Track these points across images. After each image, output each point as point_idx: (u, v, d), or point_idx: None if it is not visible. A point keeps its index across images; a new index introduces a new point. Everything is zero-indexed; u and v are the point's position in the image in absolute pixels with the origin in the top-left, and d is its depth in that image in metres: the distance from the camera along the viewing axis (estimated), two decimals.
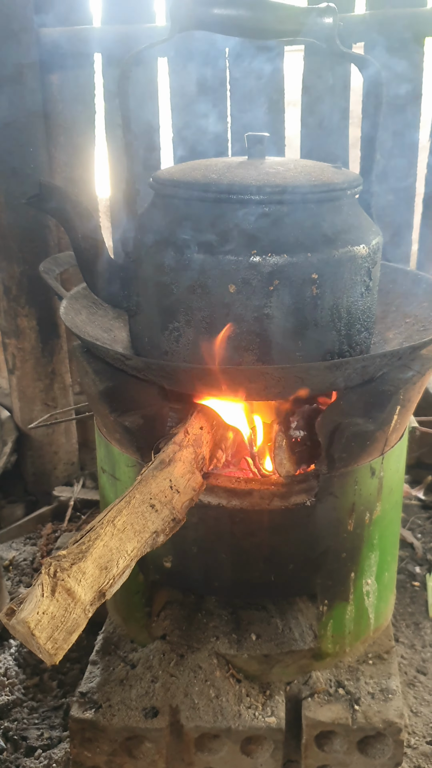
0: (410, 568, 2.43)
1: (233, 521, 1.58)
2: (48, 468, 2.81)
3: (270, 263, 1.44)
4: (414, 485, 2.80)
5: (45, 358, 2.67)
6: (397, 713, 1.61)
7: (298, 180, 1.48)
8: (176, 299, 1.51)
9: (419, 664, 2.07)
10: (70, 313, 1.72)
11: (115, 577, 1.20)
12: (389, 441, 1.63)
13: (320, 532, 1.60)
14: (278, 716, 1.61)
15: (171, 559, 1.65)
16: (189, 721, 1.60)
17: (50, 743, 1.82)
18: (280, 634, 1.72)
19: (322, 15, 1.54)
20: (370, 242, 1.55)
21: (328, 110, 2.55)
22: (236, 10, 1.50)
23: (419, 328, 1.72)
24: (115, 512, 1.27)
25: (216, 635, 1.72)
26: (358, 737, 1.61)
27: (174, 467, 1.42)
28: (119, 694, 1.65)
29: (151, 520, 1.31)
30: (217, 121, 2.55)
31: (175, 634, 1.74)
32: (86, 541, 1.19)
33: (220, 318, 1.48)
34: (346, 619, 1.71)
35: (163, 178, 1.57)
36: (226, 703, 1.62)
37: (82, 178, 2.61)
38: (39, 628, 1.07)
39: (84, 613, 1.13)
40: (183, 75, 2.51)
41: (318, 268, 1.46)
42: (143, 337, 1.63)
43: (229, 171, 1.51)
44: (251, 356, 1.50)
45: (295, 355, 1.51)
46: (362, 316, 1.58)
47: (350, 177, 1.57)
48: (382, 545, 1.73)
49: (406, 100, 2.50)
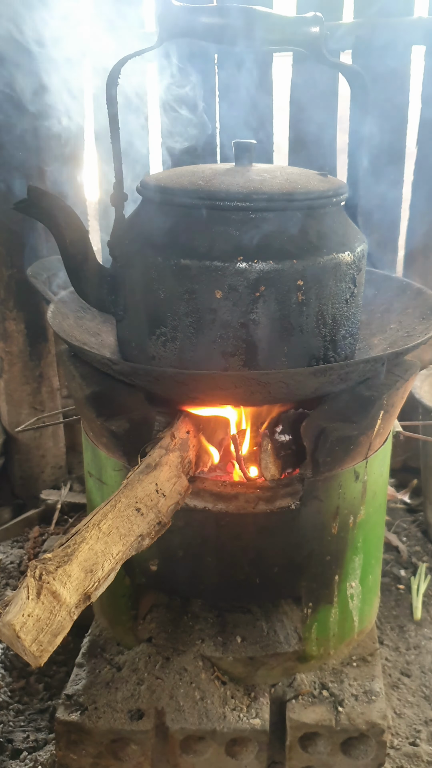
0: (395, 571, 2.45)
1: (219, 525, 1.59)
2: (35, 471, 2.82)
3: (256, 270, 1.46)
4: (399, 489, 2.82)
5: (33, 361, 2.67)
6: (381, 715, 1.63)
7: (285, 187, 1.50)
8: (163, 305, 1.52)
9: (403, 666, 2.09)
10: (57, 317, 1.73)
11: (100, 580, 1.21)
12: (373, 445, 1.64)
13: (305, 536, 1.62)
14: (263, 718, 1.63)
15: (157, 563, 1.66)
16: (174, 723, 1.61)
17: (36, 745, 1.82)
18: (265, 637, 1.73)
19: (309, 24, 1.56)
20: (355, 249, 1.57)
21: (316, 117, 2.58)
22: (224, 19, 1.52)
23: (403, 334, 1.74)
24: (101, 516, 1.28)
25: (201, 638, 1.73)
26: (342, 738, 1.62)
27: (160, 471, 1.44)
28: (105, 696, 1.66)
29: (136, 523, 1.32)
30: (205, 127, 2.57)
31: (161, 637, 1.75)
32: (72, 544, 1.20)
33: (206, 323, 1.49)
34: (331, 621, 1.73)
35: (150, 183, 1.58)
36: (211, 705, 1.64)
37: (71, 182, 2.61)
38: (24, 630, 1.08)
39: (69, 616, 1.14)
40: (172, 80, 2.52)
41: (303, 274, 1.48)
42: (130, 341, 1.64)
43: (216, 178, 1.53)
44: (237, 361, 1.51)
45: (281, 360, 1.53)
46: (347, 322, 1.60)
47: (336, 184, 1.59)
48: (366, 548, 1.74)
49: (392, 107, 2.52)
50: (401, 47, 2.46)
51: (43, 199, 1.53)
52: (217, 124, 2.58)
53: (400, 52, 2.46)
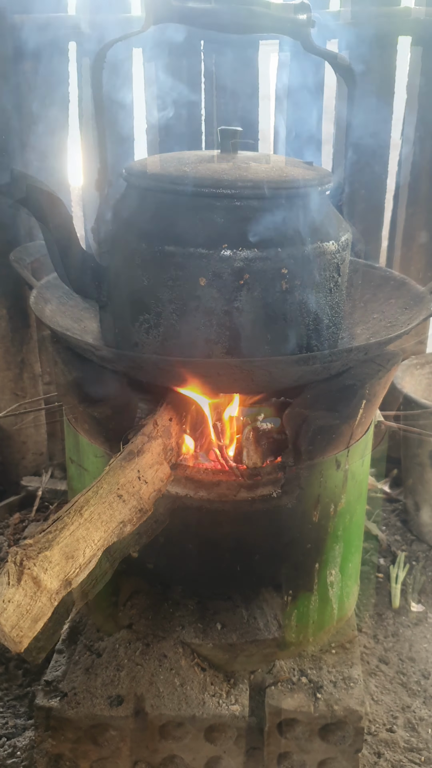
0: (374, 560, 2.47)
1: (200, 512, 1.59)
2: (16, 458, 2.80)
3: (240, 257, 1.45)
4: (380, 479, 2.84)
5: (15, 347, 2.66)
6: (358, 701, 1.64)
7: (270, 175, 1.50)
8: (147, 291, 1.51)
9: (381, 653, 2.11)
10: (40, 302, 1.72)
11: (81, 566, 1.21)
12: (354, 434, 1.65)
13: (286, 524, 1.63)
14: (242, 704, 1.64)
15: (137, 549, 1.66)
16: (154, 709, 1.62)
17: (15, 731, 1.82)
18: (245, 624, 1.74)
19: (296, 11, 1.56)
20: (339, 238, 1.57)
21: (301, 105, 2.57)
22: (211, 4, 1.51)
23: (386, 324, 1.75)
24: (83, 502, 1.28)
25: (182, 624, 1.74)
26: (320, 725, 1.64)
27: (142, 458, 1.44)
28: (84, 682, 1.66)
29: (118, 510, 1.32)
30: (191, 113, 2.56)
31: (141, 623, 1.75)
32: (53, 530, 1.20)
33: (190, 310, 1.49)
34: (310, 609, 1.74)
35: (136, 169, 1.57)
36: (190, 692, 1.64)
37: (55, 167, 2.59)
38: (4, 616, 1.08)
39: (50, 602, 1.14)
40: (158, 65, 2.50)
41: (288, 263, 1.48)
42: (113, 328, 1.63)
43: (202, 165, 1.52)
44: (220, 349, 1.51)
45: (264, 348, 1.53)
46: (331, 312, 1.60)
47: (321, 173, 1.59)
48: (346, 537, 1.76)
49: (378, 98, 2.52)
50: (388, 38, 2.46)
51: (27, 183, 1.51)
52: (202, 111, 2.56)
53: (387, 42, 2.46)
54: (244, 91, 2.54)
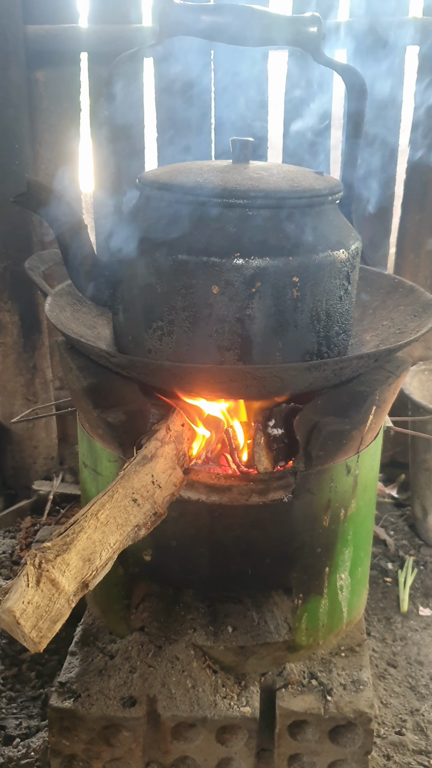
0: (382, 564, 2.49)
1: (212, 516, 1.62)
2: (28, 462, 2.83)
3: (252, 266, 1.48)
4: (388, 483, 2.86)
5: (27, 353, 2.69)
6: (368, 704, 1.66)
7: (281, 185, 1.52)
8: (160, 299, 1.54)
9: (390, 657, 2.13)
10: (54, 309, 1.75)
11: (98, 569, 1.23)
12: (365, 440, 1.68)
13: (296, 528, 1.65)
14: (253, 706, 1.66)
15: (151, 553, 1.68)
16: (166, 710, 1.64)
17: (29, 732, 1.85)
18: (255, 627, 1.76)
19: (307, 24, 1.58)
20: (349, 247, 1.59)
21: (310, 113, 2.60)
22: (223, 17, 1.54)
23: (395, 331, 1.77)
24: (99, 506, 1.30)
25: (193, 627, 1.76)
26: (330, 727, 1.65)
27: (156, 463, 1.46)
28: (98, 683, 1.68)
29: (133, 513, 1.34)
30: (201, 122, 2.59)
31: (153, 626, 1.78)
32: (70, 533, 1.23)
33: (203, 318, 1.52)
34: (320, 612, 1.76)
35: (149, 179, 1.60)
36: (202, 693, 1.66)
37: (66, 175, 2.63)
38: (24, 617, 1.10)
39: (68, 603, 1.17)
40: (168, 75, 2.54)
41: (299, 271, 1.50)
42: (127, 334, 1.66)
43: (215, 175, 1.55)
44: (232, 355, 1.54)
45: (275, 355, 1.55)
46: (341, 319, 1.62)
47: (331, 183, 1.61)
48: (356, 541, 1.78)
49: (386, 106, 2.55)
50: (395, 47, 2.48)
51: (42, 193, 1.54)
52: (212, 120, 2.59)
53: (395, 51, 2.49)
54: (254, 100, 2.57)
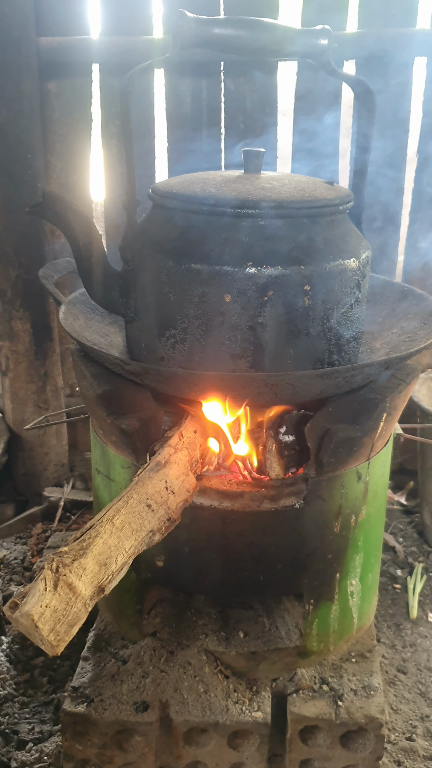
0: (392, 571, 2.50)
1: (224, 522, 1.63)
2: (39, 469, 2.85)
3: (264, 274, 1.50)
4: (396, 491, 2.87)
5: (38, 360, 2.71)
6: (379, 709, 1.67)
7: (293, 195, 1.55)
8: (174, 307, 1.56)
9: (400, 663, 2.13)
10: (68, 318, 1.77)
11: (113, 573, 1.25)
12: (375, 447, 1.69)
13: (308, 534, 1.66)
14: (264, 711, 1.67)
15: (163, 558, 1.70)
16: (178, 715, 1.65)
17: (41, 737, 1.86)
18: (267, 633, 1.78)
19: (317, 36, 1.61)
20: (360, 256, 1.61)
21: (319, 123, 2.63)
22: (235, 30, 1.56)
23: (405, 339, 1.79)
24: (114, 511, 1.32)
25: (205, 633, 1.78)
26: (341, 732, 1.66)
27: (169, 469, 1.48)
28: (110, 688, 1.70)
29: (147, 519, 1.36)
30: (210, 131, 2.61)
31: (166, 632, 1.79)
32: (87, 538, 1.25)
33: (215, 326, 1.54)
34: (331, 618, 1.77)
35: (162, 190, 1.63)
36: (214, 698, 1.68)
37: (77, 184, 2.66)
38: (42, 620, 1.12)
39: (84, 607, 1.18)
40: (178, 86, 2.57)
41: (310, 279, 1.52)
42: (140, 342, 1.68)
43: (227, 185, 1.57)
44: (245, 363, 1.56)
45: (287, 362, 1.57)
46: (351, 327, 1.64)
47: (342, 193, 1.63)
48: (366, 547, 1.79)
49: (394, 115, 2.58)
50: (404, 57, 2.51)
51: (58, 203, 1.57)
52: (222, 130, 2.62)
53: (403, 62, 2.52)
54: (263, 110, 2.59)
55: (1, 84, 2.40)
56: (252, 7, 2.47)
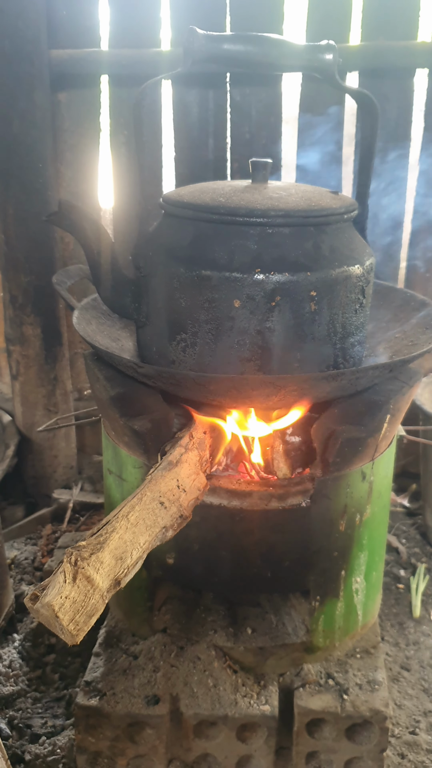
0: (395, 571, 2.54)
1: (233, 520, 1.68)
2: (48, 471, 2.90)
3: (272, 281, 1.56)
4: (399, 493, 2.92)
5: (48, 364, 2.77)
6: (383, 702, 1.72)
7: (299, 205, 1.60)
8: (184, 312, 1.62)
9: (403, 660, 2.18)
10: (82, 323, 1.83)
11: (129, 567, 1.30)
12: (379, 447, 1.74)
13: (314, 532, 1.71)
14: (272, 705, 1.72)
15: (174, 556, 1.75)
16: (188, 708, 1.70)
17: (54, 731, 1.91)
18: (274, 629, 1.83)
19: (323, 52, 1.66)
20: (364, 263, 1.67)
21: (323, 133, 2.69)
22: (244, 46, 1.62)
23: (408, 343, 1.84)
24: (129, 508, 1.37)
25: (214, 629, 1.82)
26: (347, 725, 1.71)
27: (181, 468, 1.53)
28: (122, 683, 1.75)
29: (161, 516, 1.41)
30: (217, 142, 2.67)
31: (175, 628, 1.84)
32: (103, 533, 1.30)
33: (225, 330, 1.59)
34: (337, 614, 1.82)
35: (173, 199, 1.68)
36: (223, 692, 1.73)
37: (86, 192, 2.72)
38: (62, 611, 1.17)
39: (102, 599, 1.23)
40: (185, 97, 2.63)
41: (316, 286, 1.58)
42: (151, 346, 1.74)
43: (236, 195, 1.63)
44: (253, 366, 1.61)
45: (294, 366, 1.62)
46: (356, 331, 1.70)
47: (347, 202, 1.69)
48: (370, 546, 1.84)
49: (397, 125, 2.64)
50: (405, 69, 2.57)
51: (73, 212, 1.63)
52: (228, 140, 2.68)
53: (404, 73, 2.58)
54: (268, 121, 2.65)
55: (14, 96, 2.47)
56: (258, 19, 2.53)
